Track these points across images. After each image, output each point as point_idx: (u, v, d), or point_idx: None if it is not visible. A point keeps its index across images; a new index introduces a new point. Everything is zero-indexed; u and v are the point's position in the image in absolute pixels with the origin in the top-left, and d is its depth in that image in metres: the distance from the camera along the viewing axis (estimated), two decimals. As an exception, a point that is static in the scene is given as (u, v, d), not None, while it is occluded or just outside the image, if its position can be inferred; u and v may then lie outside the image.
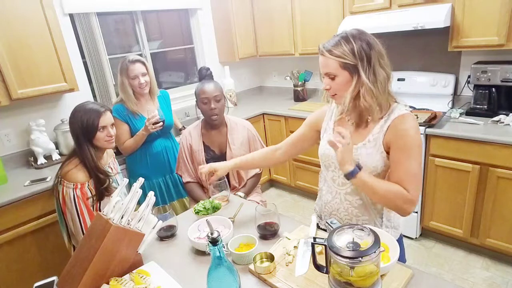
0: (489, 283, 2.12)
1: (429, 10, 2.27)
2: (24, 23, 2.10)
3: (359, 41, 1.11)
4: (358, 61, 1.10)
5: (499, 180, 2.06)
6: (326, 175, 1.35)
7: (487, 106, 2.32)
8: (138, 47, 3.18)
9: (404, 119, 1.15)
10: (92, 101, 1.66)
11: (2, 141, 2.40)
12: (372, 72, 1.11)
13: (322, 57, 1.16)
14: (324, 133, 1.37)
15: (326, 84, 1.19)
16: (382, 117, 1.18)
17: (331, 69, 1.15)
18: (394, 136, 1.15)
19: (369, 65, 1.11)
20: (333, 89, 1.18)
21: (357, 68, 1.11)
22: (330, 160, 1.29)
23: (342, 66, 1.12)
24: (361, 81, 1.11)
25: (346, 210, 1.29)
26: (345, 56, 1.10)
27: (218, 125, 1.97)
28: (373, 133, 1.19)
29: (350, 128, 1.26)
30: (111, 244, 1.07)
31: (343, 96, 1.17)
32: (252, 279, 1.11)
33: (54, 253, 2.14)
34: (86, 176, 1.58)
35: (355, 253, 0.84)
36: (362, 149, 1.20)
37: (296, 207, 3.31)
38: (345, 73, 1.13)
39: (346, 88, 1.15)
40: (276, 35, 3.37)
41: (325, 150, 1.31)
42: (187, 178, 2.01)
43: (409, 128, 1.13)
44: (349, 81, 1.14)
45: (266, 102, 3.70)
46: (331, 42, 1.15)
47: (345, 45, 1.11)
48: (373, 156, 1.18)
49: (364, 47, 1.10)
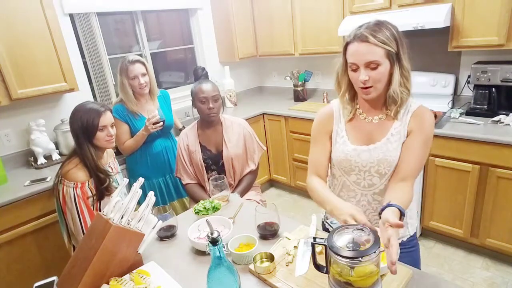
0: (489, 283, 2.12)
1: (429, 10, 2.27)
2: (24, 23, 2.11)
3: (397, 29, 1.09)
4: (400, 48, 1.07)
5: (499, 180, 2.06)
6: (347, 180, 1.27)
7: (487, 106, 2.32)
8: (138, 47, 3.18)
9: (425, 110, 1.17)
10: (92, 101, 1.66)
11: (2, 141, 2.40)
12: (407, 58, 1.10)
13: (365, 44, 1.06)
14: (337, 137, 1.27)
15: (365, 75, 1.08)
16: (399, 110, 1.16)
17: (377, 57, 1.05)
18: (416, 123, 1.15)
19: (406, 52, 1.09)
20: (373, 80, 1.08)
21: (399, 55, 1.07)
22: (353, 165, 1.22)
23: (386, 55, 1.06)
24: (403, 68, 1.09)
25: (375, 210, 1.25)
26: (389, 42, 1.05)
27: (213, 124, 1.98)
28: (394, 127, 1.17)
29: (368, 127, 1.20)
30: (111, 244, 1.07)
31: (380, 88, 1.11)
32: (252, 279, 1.11)
33: (54, 253, 2.14)
34: (86, 175, 1.58)
35: (355, 253, 0.84)
36: (388, 144, 1.17)
37: (296, 207, 3.31)
38: (387, 63, 1.08)
39: (385, 78, 1.10)
40: (276, 35, 3.37)
41: (344, 155, 1.22)
42: (187, 179, 2.01)
43: (430, 116, 1.15)
44: (388, 70, 1.09)
45: (266, 102, 3.70)
46: (369, 28, 1.06)
47: (386, 30, 1.06)
48: (398, 150, 1.16)
49: (401, 35, 1.08)
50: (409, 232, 1.31)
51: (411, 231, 1.32)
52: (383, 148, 1.17)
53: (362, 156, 1.20)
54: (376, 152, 1.18)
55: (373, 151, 1.18)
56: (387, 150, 1.16)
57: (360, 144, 1.21)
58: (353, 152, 1.21)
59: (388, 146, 1.16)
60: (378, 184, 1.22)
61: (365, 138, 1.21)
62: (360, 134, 1.22)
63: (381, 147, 1.17)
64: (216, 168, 2.00)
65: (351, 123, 1.25)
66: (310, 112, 3.04)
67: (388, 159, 1.16)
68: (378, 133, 1.19)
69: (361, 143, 1.21)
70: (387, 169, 1.17)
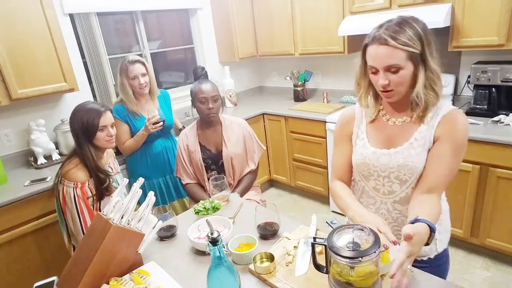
0: (489, 283, 2.12)
1: (429, 10, 2.27)
2: (24, 23, 2.10)
3: (424, 28, 1.00)
4: (425, 47, 0.98)
5: (499, 180, 2.06)
6: (366, 185, 1.20)
7: (487, 106, 2.32)
8: (138, 47, 3.18)
9: (457, 114, 1.05)
10: (93, 101, 1.66)
11: (2, 141, 2.40)
12: (435, 59, 1.01)
13: (384, 47, 0.98)
14: (357, 139, 1.21)
15: (385, 79, 1.02)
16: (425, 113, 1.06)
17: (397, 60, 0.98)
18: (445, 129, 1.04)
19: (431, 50, 1.00)
20: (394, 84, 1.02)
21: (424, 56, 0.99)
22: (371, 169, 1.15)
23: (408, 57, 0.98)
24: (428, 70, 1.00)
25: (396, 220, 1.17)
26: (412, 43, 0.97)
27: (213, 124, 1.98)
28: (419, 131, 1.08)
29: (391, 129, 1.13)
30: (111, 244, 1.07)
31: (402, 92, 1.05)
32: (252, 279, 1.11)
33: (54, 253, 2.14)
34: (86, 175, 1.58)
35: (355, 253, 0.84)
36: (410, 149, 1.08)
37: (296, 207, 3.31)
38: (410, 65, 1.00)
39: (407, 82, 1.02)
40: (276, 35, 3.37)
41: (363, 158, 1.16)
42: (187, 179, 2.01)
43: (463, 122, 1.04)
44: (411, 73, 1.01)
45: (266, 102, 3.70)
46: (390, 29, 0.99)
47: (409, 29, 0.98)
48: (422, 156, 1.07)
49: (428, 34, 0.99)
50: (437, 249, 1.18)
51: (439, 248, 1.19)
52: (405, 153, 1.08)
53: (381, 160, 1.12)
54: (397, 156, 1.10)
55: (393, 156, 1.10)
56: (408, 156, 1.08)
57: (381, 147, 1.14)
58: (372, 155, 1.14)
59: (410, 151, 1.08)
60: (398, 191, 1.13)
61: (386, 141, 1.14)
62: (381, 137, 1.15)
63: (403, 152, 1.09)
64: (216, 168, 2.00)
65: (373, 125, 1.18)
66: (310, 112, 3.04)
67: (410, 165, 1.07)
68: (401, 136, 1.11)
69: (381, 146, 1.14)
70: (408, 176, 1.09)
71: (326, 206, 3.19)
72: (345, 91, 3.34)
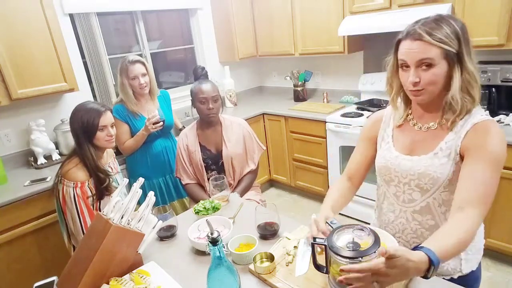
0: (489, 283, 2.12)
1: (429, 10, 2.27)
2: (24, 23, 2.10)
3: (463, 28, 0.94)
4: (463, 47, 0.93)
5: (499, 180, 2.05)
6: (387, 190, 1.17)
7: (487, 106, 2.32)
8: (138, 47, 3.18)
9: (487, 124, 0.96)
10: (93, 101, 1.66)
11: (2, 141, 2.40)
12: (472, 61, 0.95)
13: (418, 42, 0.94)
14: (382, 142, 1.18)
15: (416, 76, 0.96)
16: (456, 120, 0.99)
17: (431, 55, 0.93)
18: (476, 140, 0.96)
19: (469, 51, 0.95)
20: (425, 82, 0.96)
21: (461, 55, 0.93)
22: (392, 174, 1.11)
23: (444, 55, 0.93)
24: (466, 71, 0.94)
25: (415, 232, 1.11)
26: (449, 41, 0.92)
27: (213, 124, 1.98)
28: (446, 140, 1.01)
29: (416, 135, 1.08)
30: (111, 244, 1.07)
31: (434, 92, 0.98)
32: (252, 279, 1.11)
33: (54, 253, 2.14)
34: (86, 175, 1.59)
35: (355, 253, 0.84)
36: (434, 159, 1.01)
37: (296, 207, 3.31)
38: (444, 64, 0.94)
39: (441, 81, 0.96)
40: (276, 35, 3.37)
41: (385, 162, 1.13)
42: (186, 179, 2.01)
43: (495, 132, 0.95)
44: (445, 72, 0.95)
45: (266, 102, 3.70)
46: (426, 25, 0.94)
47: (446, 27, 0.93)
48: (447, 167, 0.99)
49: (466, 34, 0.94)
50: (461, 269, 1.08)
51: (464, 269, 1.08)
52: (428, 162, 1.03)
53: (403, 166, 1.08)
54: (419, 164, 1.04)
55: (416, 163, 1.05)
56: (431, 165, 1.02)
57: (405, 152, 1.10)
58: (395, 159, 1.10)
59: (434, 161, 1.02)
60: (419, 200, 1.07)
61: (411, 147, 1.09)
62: (407, 142, 1.11)
63: (426, 161, 1.03)
64: (216, 168, 2.00)
65: (400, 129, 1.13)
66: (310, 112, 3.04)
67: (431, 175, 1.01)
68: (427, 144, 1.05)
69: (405, 151, 1.10)
70: (430, 185, 1.03)
71: (326, 206, 3.18)
72: (345, 91, 3.34)
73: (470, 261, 1.10)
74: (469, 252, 1.09)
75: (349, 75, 3.28)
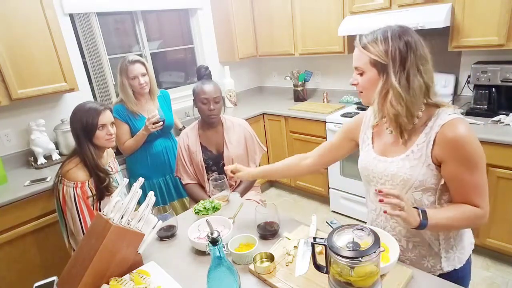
0: (489, 283, 2.12)
1: (429, 10, 2.27)
2: (24, 23, 2.10)
3: (397, 40, 0.98)
4: (389, 61, 0.98)
5: (499, 180, 2.06)
6: (369, 189, 1.22)
7: (487, 106, 2.32)
8: (138, 47, 3.18)
9: (454, 125, 0.98)
10: (92, 101, 1.66)
11: (2, 141, 2.40)
12: (405, 76, 0.98)
13: (356, 49, 1.07)
14: (363, 144, 1.24)
15: (354, 79, 1.10)
16: (426, 123, 1.03)
17: (360, 63, 1.05)
18: (447, 147, 0.99)
19: (402, 68, 0.98)
20: (360, 85, 1.08)
21: (387, 68, 0.99)
22: (371, 175, 1.17)
23: (372, 63, 1.02)
24: (389, 83, 0.99)
25: (394, 229, 1.16)
26: (377, 54, 1.00)
27: (214, 125, 1.97)
28: (417, 143, 1.05)
29: (389, 138, 1.14)
30: (111, 244, 1.07)
31: (370, 96, 1.07)
32: (252, 279, 1.11)
33: (54, 253, 2.14)
34: (86, 175, 1.59)
35: (355, 253, 0.84)
36: (405, 161, 1.06)
37: (296, 207, 3.31)
38: (374, 71, 1.03)
39: (373, 87, 1.04)
40: (276, 35, 3.37)
41: (365, 163, 1.19)
42: (187, 179, 2.01)
43: (464, 136, 0.96)
44: (376, 80, 1.03)
45: (266, 102, 3.70)
46: (369, 37, 1.04)
47: (381, 43, 0.99)
48: (417, 169, 1.04)
49: (401, 48, 0.97)
50: (442, 267, 1.12)
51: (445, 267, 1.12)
52: (399, 163, 1.07)
53: (379, 167, 1.13)
54: (392, 166, 1.09)
55: (389, 164, 1.10)
56: (402, 167, 1.06)
57: (381, 154, 1.15)
58: (372, 161, 1.16)
59: (405, 163, 1.06)
60: None
61: (385, 148, 1.15)
62: (382, 144, 1.17)
63: (397, 163, 1.08)
64: (217, 169, 2.00)
65: (377, 130, 1.20)
66: (310, 112, 3.04)
67: (402, 176, 1.06)
68: (398, 146, 1.10)
69: (381, 153, 1.15)
70: (402, 186, 1.08)
71: (326, 206, 3.19)
72: (345, 91, 3.34)
73: (452, 259, 1.13)
74: (451, 251, 1.12)
75: (349, 75, 3.24)
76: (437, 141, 1.00)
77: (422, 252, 1.13)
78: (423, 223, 0.95)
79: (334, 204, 3.06)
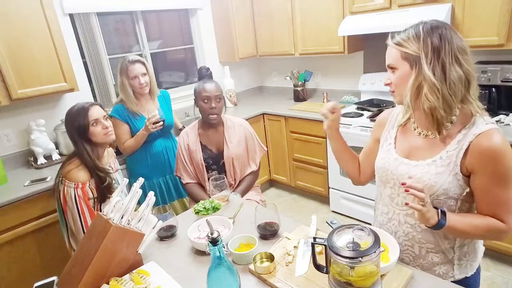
0: (489, 283, 2.12)
1: (429, 10, 2.27)
2: (24, 23, 2.11)
3: (430, 32, 0.94)
4: (421, 53, 0.93)
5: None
6: (383, 191, 1.17)
7: (487, 106, 2.31)
8: (138, 47, 3.18)
9: (491, 135, 0.93)
10: (79, 102, 1.66)
11: (2, 141, 2.40)
12: (440, 66, 0.92)
13: (388, 47, 1.03)
14: (384, 143, 1.18)
15: (387, 79, 1.04)
16: (460, 131, 0.98)
17: (391, 60, 1.01)
18: (480, 158, 0.94)
19: (437, 58, 0.92)
20: (393, 83, 1.03)
21: (419, 60, 0.94)
22: (389, 176, 1.11)
23: (403, 57, 0.97)
24: (422, 76, 0.94)
25: (406, 235, 1.11)
26: (407, 45, 0.95)
27: (215, 124, 1.98)
28: (447, 150, 0.99)
29: (416, 139, 1.08)
30: (111, 244, 1.07)
31: (402, 93, 1.01)
32: (252, 279, 1.11)
33: (54, 253, 2.14)
34: (87, 175, 1.59)
35: (355, 253, 0.84)
36: (431, 166, 1.01)
37: (296, 207, 3.31)
38: (406, 65, 0.97)
39: (405, 82, 0.98)
40: (276, 35, 3.37)
41: (383, 163, 1.13)
42: (187, 179, 2.01)
43: (500, 148, 0.92)
44: (408, 75, 0.97)
45: (266, 102, 3.70)
46: (401, 34, 0.99)
47: (413, 37, 0.95)
48: (444, 177, 0.98)
49: (433, 39, 0.93)
50: (453, 274, 1.09)
51: (456, 274, 1.09)
52: (424, 168, 1.02)
53: (400, 169, 1.07)
54: (415, 170, 1.04)
55: (413, 168, 1.05)
56: (427, 172, 1.01)
57: (403, 156, 1.09)
58: (393, 162, 1.10)
59: (430, 168, 1.01)
60: None
61: (409, 151, 1.09)
62: (406, 145, 1.11)
63: (423, 167, 1.02)
64: (217, 168, 2.00)
65: (402, 131, 1.14)
66: (310, 112, 3.04)
67: (426, 182, 1.00)
68: (426, 151, 1.04)
69: (404, 155, 1.10)
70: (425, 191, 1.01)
71: (326, 206, 3.19)
72: (345, 91, 3.34)
73: (464, 267, 1.10)
74: (463, 258, 1.09)
75: (349, 75, 3.28)
76: (470, 151, 0.95)
77: (435, 259, 1.09)
78: (441, 222, 0.93)
79: (334, 204, 3.06)
